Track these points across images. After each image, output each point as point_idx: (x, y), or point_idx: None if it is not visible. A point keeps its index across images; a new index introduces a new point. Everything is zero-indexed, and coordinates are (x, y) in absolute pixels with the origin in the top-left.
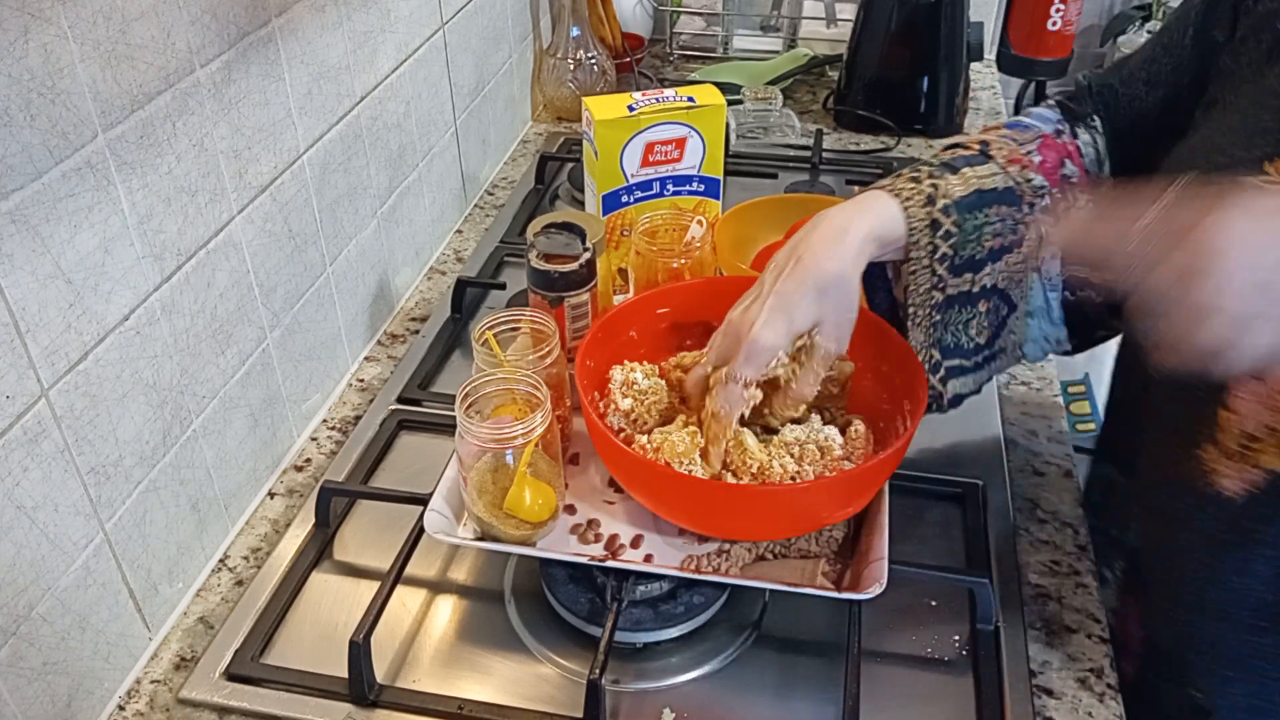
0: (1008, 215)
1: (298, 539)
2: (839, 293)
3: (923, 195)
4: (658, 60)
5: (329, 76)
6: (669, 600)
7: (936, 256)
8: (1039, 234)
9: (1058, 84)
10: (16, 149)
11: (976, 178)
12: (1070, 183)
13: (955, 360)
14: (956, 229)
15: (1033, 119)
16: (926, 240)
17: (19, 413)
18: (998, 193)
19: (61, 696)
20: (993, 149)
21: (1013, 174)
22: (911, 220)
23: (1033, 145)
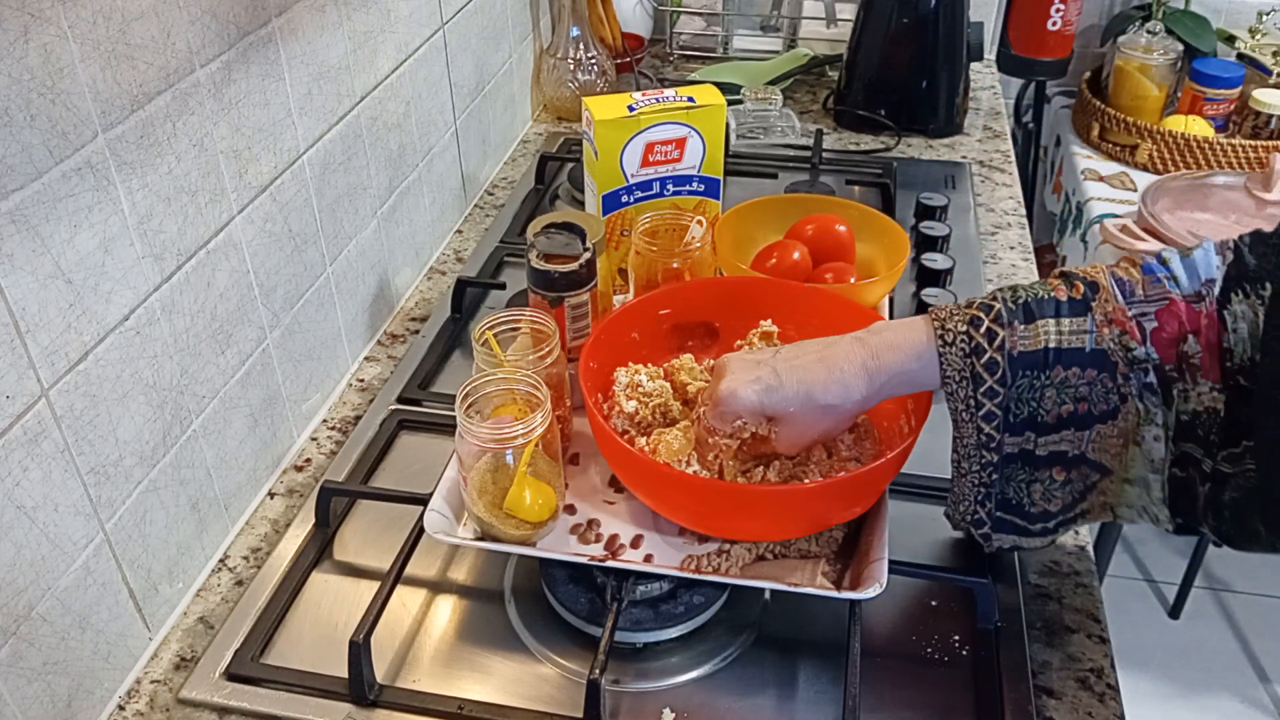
0: (1097, 381)
1: (298, 539)
2: (824, 416)
3: (969, 342)
4: (658, 60)
5: (329, 76)
6: (669, 600)
7: (981, 414)
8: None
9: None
10: (16, 149)
11: (1057, 333)
12: (1190, 361)
13: (1012, 518)
14: (1003, 387)
15: (1180, 267)
16: (966, 394)
17: (19, 413)
18: (1082, 354)
19: (61, 696)
20: (1098, 299)
21: (1107, 337)
22: (947, 369)
23: (1151, 308)
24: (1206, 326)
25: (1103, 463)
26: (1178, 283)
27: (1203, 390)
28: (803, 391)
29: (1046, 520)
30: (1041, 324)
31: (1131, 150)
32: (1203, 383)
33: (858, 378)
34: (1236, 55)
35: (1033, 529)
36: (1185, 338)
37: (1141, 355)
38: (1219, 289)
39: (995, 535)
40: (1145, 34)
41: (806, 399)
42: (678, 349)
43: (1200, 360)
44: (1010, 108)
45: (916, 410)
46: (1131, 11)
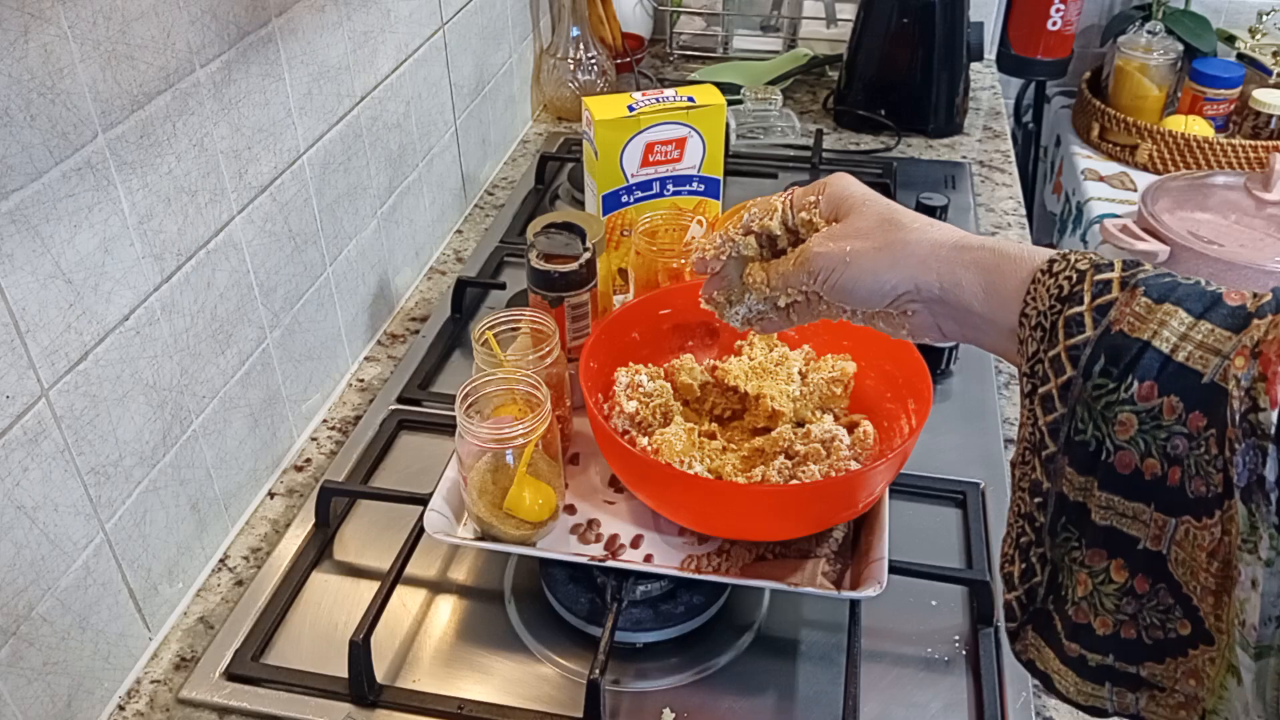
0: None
1: (298, 539)
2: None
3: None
4: (658, 60)
5: (329, 76)
6: (669, 600)
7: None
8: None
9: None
10: (16, 149)
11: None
12: None
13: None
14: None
15: None
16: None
17: (19, 413)
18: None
19: (61, 696)
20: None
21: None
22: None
23: None
24: None
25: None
26: None
27: None
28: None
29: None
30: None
31: (1131, 150)
32: None
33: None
34: (1236, 55)
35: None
36: None
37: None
38: None
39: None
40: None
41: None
42: (678, 349)
43: None
44: (1010, 108)
45: (918, 410)
46: (1131, 11)
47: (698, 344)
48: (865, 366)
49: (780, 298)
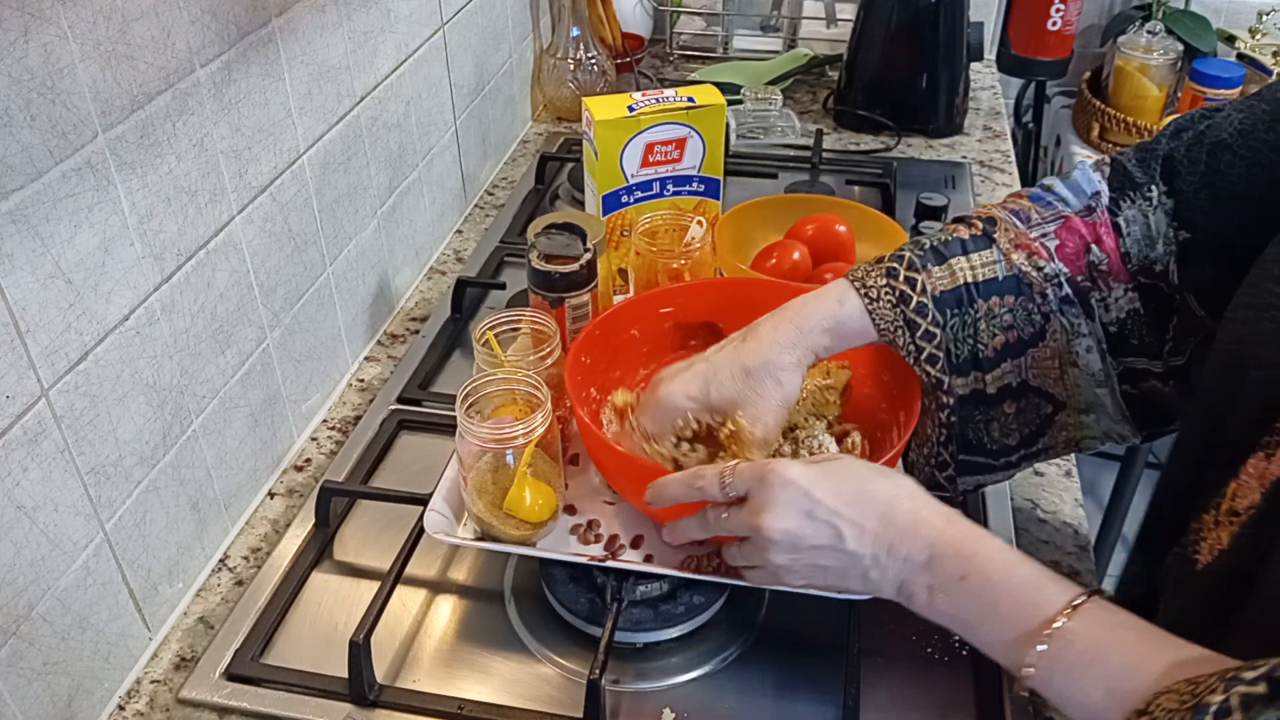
0: (1018, 306)
1: (298, 539)
2: (765, 378)
3: (894, 294)
4: (658, 60)
5: (329, 76)
6: (669, 600)
7: (924, 358)
8: (1063, 325)
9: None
10: (16, 149)
11: (970, 267)
12: (1099, 270)
13: (976, 458)
14: (938, 329)
15: (1065, 189)
16: (905, 341)
17: (19, 413)
18: (997, 283)
19: (61, 696)
20: (998, 230)
21: (1017, 262)
22: (879, 322)
23: (1050, 227)
24: (1105, 234)
25: (1047, 389)
26: (1067, 203)
27: (1118, 294)
28: (738, 366)
29: (1009, 455)
30: (954, 261)
31: None
32: (1116, 286)
33: (788, 335)
34: (1236, 55)
35: (995, 464)
36: (1089, 248)
37: (1052, 271)
38: (1107, 199)
39: (960, 478)
40: (1145, 34)
41: (743, 368)
42: (680, 348)
43: (1108, 265)
44: (1010, 108)
45: (907, 423)
46: (1131, 11)
47: (700, 344)
48: (863, 375)
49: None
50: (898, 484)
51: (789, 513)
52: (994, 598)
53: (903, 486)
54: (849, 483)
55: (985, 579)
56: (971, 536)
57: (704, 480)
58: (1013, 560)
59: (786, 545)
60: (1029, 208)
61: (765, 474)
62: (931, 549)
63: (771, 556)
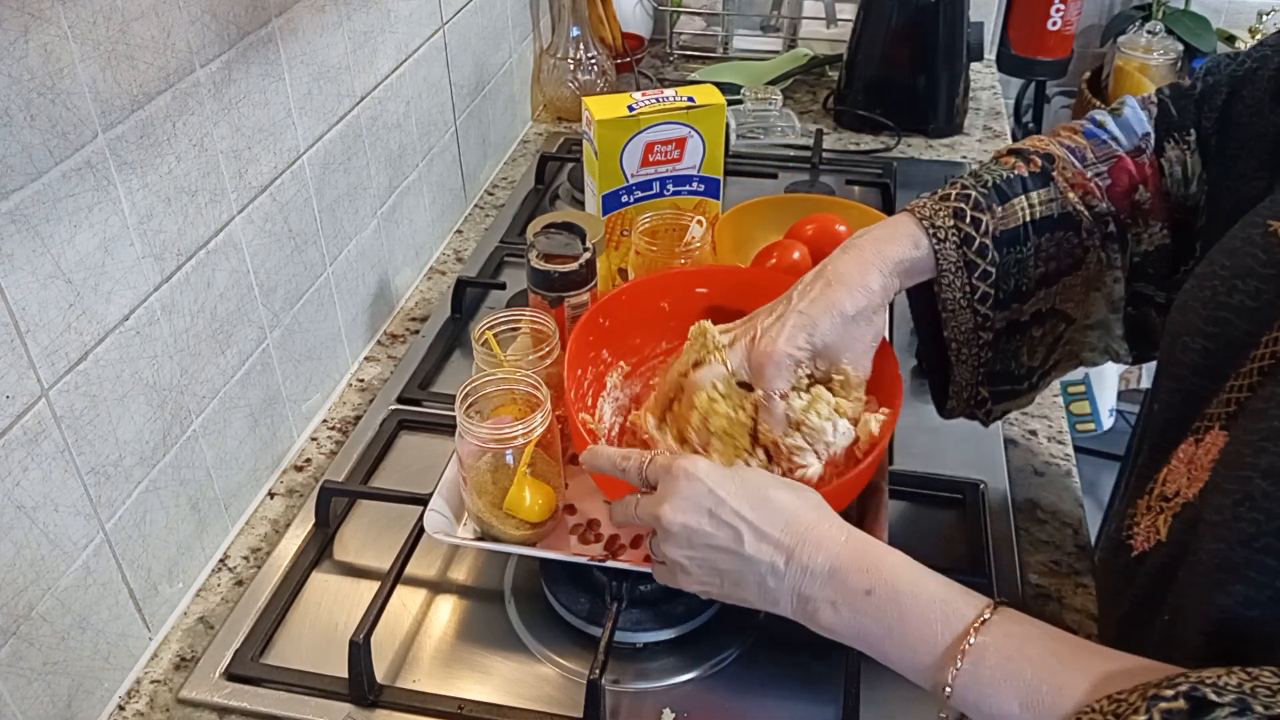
0: (1063, 240)
1: (298, 539)
2: (862, 322)
3: (959, 234)
4: (658, 60)
5: (329, 76)
6: (669, 600)
7: (976, 297)
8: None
9: (1058, 84)
10: (16, 149)
11: (1028, 207)
12: (1142, 209)
13: (1005, 386)
14: (994, 268)
15: (1117, 127)
16: (962, 282)
17: (19, 413)
18: (1052, 220)
19: (61, 696)
20: (1056, 169)
21: (1072, 201)
22: (943, 262)
23: (1104, 167)
24: (1151, 174)
25: (1066, 311)
26: (1119, 142)
27: (1154, 231)
28: (834, 313)
29: (1031, 377)
30: (1016, 201)
31: None
32: (1153, 224)
33: (870, 275)
34: None
35: (1020, 388)
36: (1136, 188)
37: (1104, 210)
38: (1154, 141)
39: (995, 407)
40: (1145, 34)
41: (841, 319)
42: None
43: (1150, 205)
44: (1010, 108)
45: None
46: (1131, 11)
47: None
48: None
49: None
50: (803, 497)
51: (689, 507)
52: (900, 614)
53: (808, 499)
54: (754, 488)
55: (892, 593)
56: (874, 549)
57: (628, 462)
58: (917, 574)
59: (683, 539)
60: (1084, 145)
61: (674, 467)
62: (834, 560)
63: (668, 549)
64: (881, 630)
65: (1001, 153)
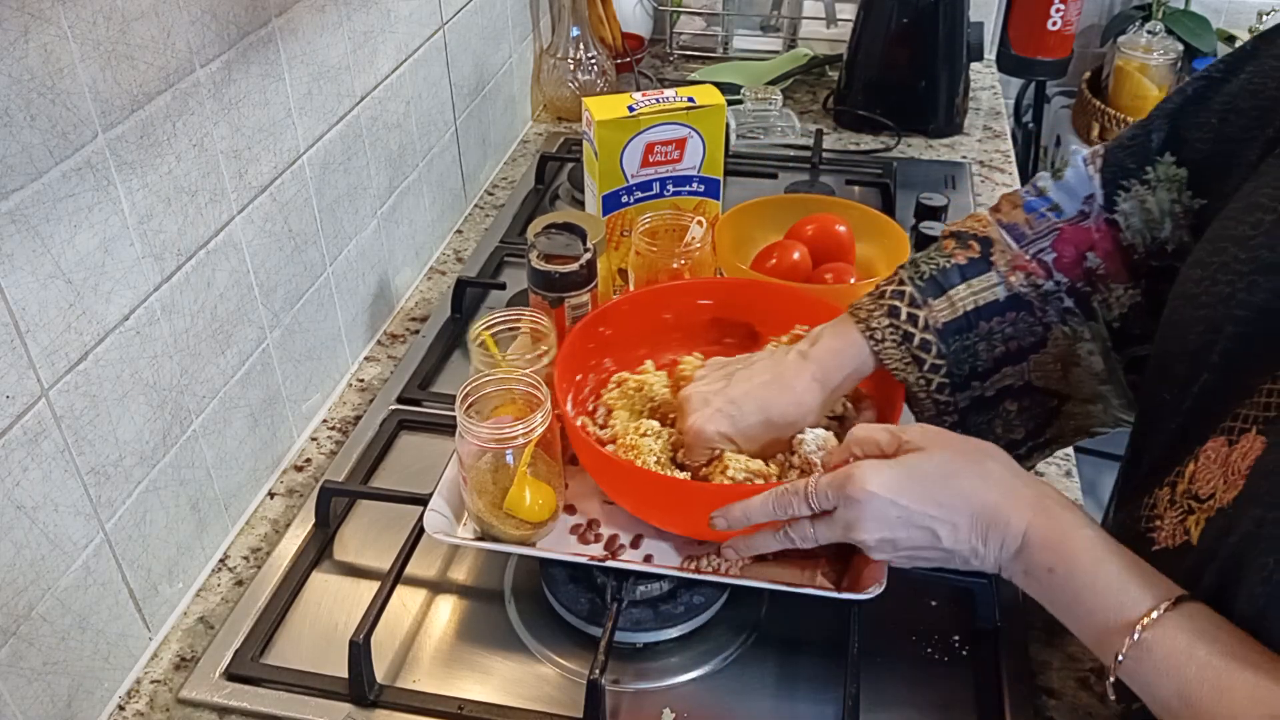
0: (1018, 320)
1: (298, 539)
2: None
3: (898, 333)
4: (658, 60)
5: (329, 76)
6: (669, 600)
7: (933, 388)
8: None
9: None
10: (16, 149)
11: (970, 294)
12: (1098, 274)
13: None
14: (944, 360)
15: (1059, 193)
16: (915, 377)
17: (19, 413)
18: (998, 304)
19: (61, 696)
20: (995, 252)
21: (1015, 284)
22: (887, 361)
23: (1045, 242)
24: (1099, 239)
25: (1050, 388)
26: (1061, 211)
27: (1119, 293)
28: (761, 416)
29: (1016, 449)
30: (953, 292)
31: None
32: (1115, 287)
33: (810, 392)
34: None
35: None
36: (1085, 255)
37: (1051, 288)
38: (1101, 199)
39: None
40: (1145, 34)
41: (766, 422)
42: (714, 342)
43: (1105, 269)
44: (1010, 108)
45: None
46: (1131, 11)
47: (735, 343)
48: None
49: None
50: (984, 468)
51: (880, 524)
52: (1076, 594)
53: (989, 474)
54: (934, 480)
55: (1070, 574)
56: (1060, 525)
57: (790, 500)
58: (1100, 556)
59: (886, 548)
60: (1023, 221)
61: (848, 488)
62: (1022, 538)
63: (875, 555)
64: (1061, 605)
65: (944, 234)
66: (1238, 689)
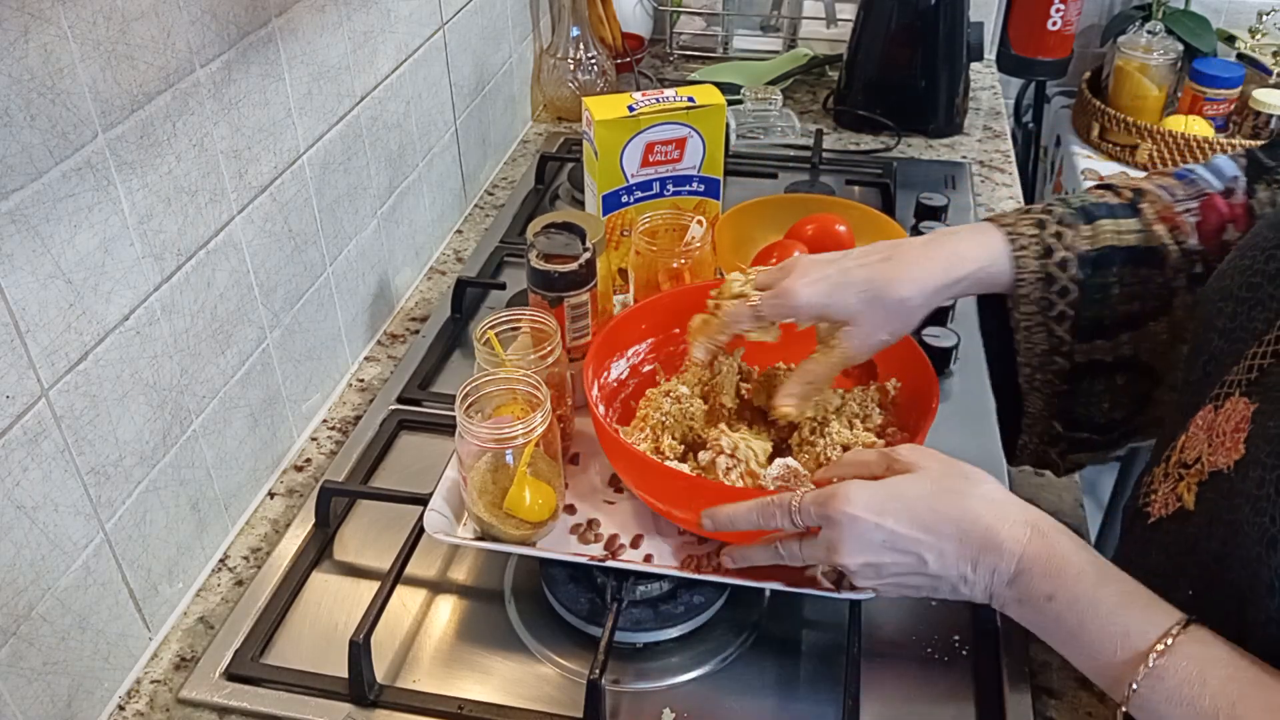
0: (1148, 278)
1: (298, 539)
2: (891, 313)
3: (1041, 245)
4: (658, 60)
5: (329, 76)
6: (669, 600)
7: (1053, 314)
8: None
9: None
10: (16, 149)
11: (1114, 232)
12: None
13: (1083, 434)
14: (1076, 286)
15: (1207, 170)
16: (1039, 294)
17: (19, 413)
18: (1137, 251)
19: (61, 696)
20: (1144, 201)
21: (1159, 233)
22: (1022, 271)
23: (1194, 203)
24: (1242, 215)
25: (1152, 364)
26: (1209, 182)
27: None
28: (871, 287)
29: (1112, 431)
30: (1101, 224)
31: (1131, 150)
32: None
33: (929, 272)
34: (1236, 55)
35: (1100, 440)
36: (1225, 227)
37: (1193, 246)
38: (1244, 183)
39: (1070, 455)
40: (1145, 34)
41: (875, 295)
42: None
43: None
44: (1010, 108)
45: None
46: (1131, 11)
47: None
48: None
49: None
50: (973, 493)
51: (863, 546)
52: (1080, 623)
53: (979, 496)
54: (921, 503)
55: (1071, 601)
56: (1059, 551)
57: (774, 513)
58: (1100, 580)
59: (869, 574)
60: (1174, 184)
61: (829, 507)
62: (1017, 564)
63: (859, 582)
64: (1063, 636)
65: (1093, 188)
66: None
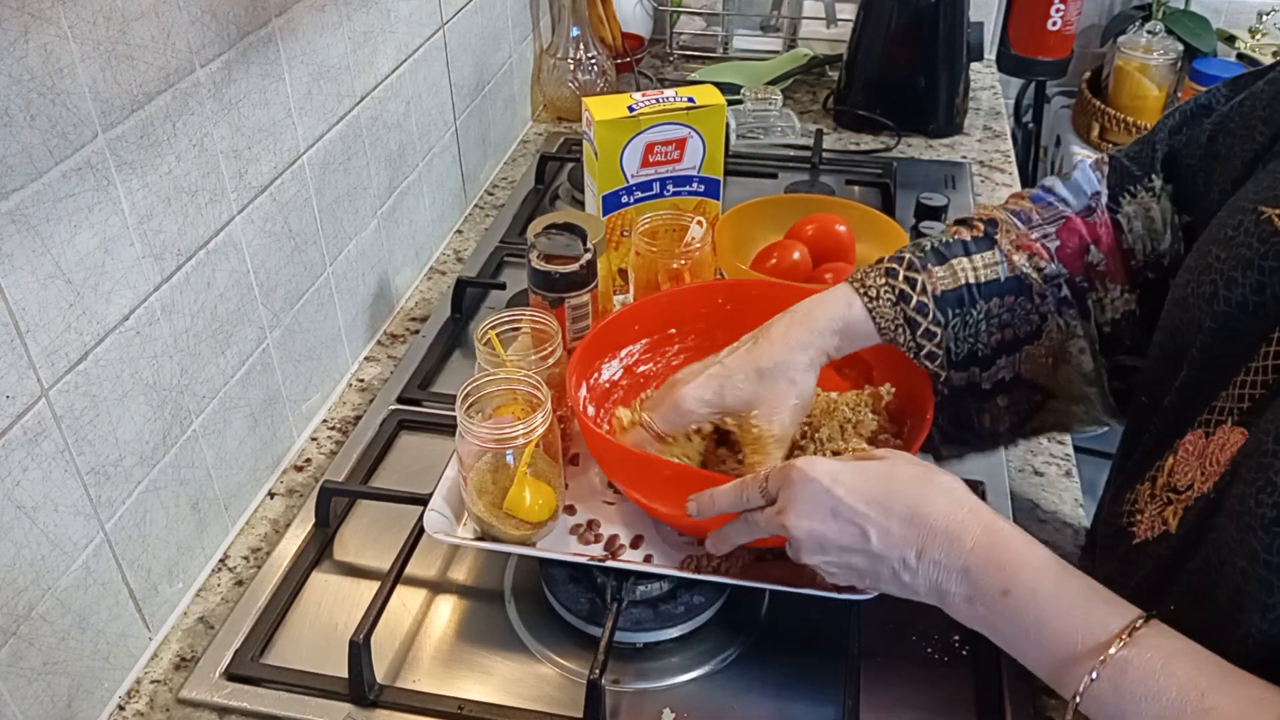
0: (1015, 305)
1: (298, 539)
2: (779, 379)
3: (894, 293)
4: (658, 60)
5: (329, 76)
6: (669, 600)
7: (923, 354)
8: (1059, 326)
9: (1058, 84)
10: (16, 149)
11: (972, 268)
12: (1097, 270)
13: (962, 434)
14: (939, 328)
15: (1065, 189)
16: (905, 339)
17: (19, 413)
18: (998, 284)
19: (61, 696)
20: (999, 232)
21: (1018, 263)
22: (881, 320)
23: (1050, 228)
24: (1104, 234)
25: (1039, 382)
26: (1067, 203)
27: (1114, 295)
28: (752, 369)
29: (995, 440)
30: (956, 262)
31: None
32: (1113, 287)
33: (799, 336)
34: (1236, 55)
35: (981, 444)
36: (1088, 249)
37: (1053, 271)
38: (1106, 199)
39: (944, 446)
40: (1145, 34)
41: (757, 371)
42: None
43: (1106, 266)
44: (1010, 108)
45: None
46: (1131, 11)
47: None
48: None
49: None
50: (935, 485)
51: (810, 510)
52: (1039, 618)
53: (939, 487)
54: (877, 480)
55: (1030, 595)
56: (1013, 542)
57: (747, 488)
58: (1059, 575)
59: (813, 545)
60: (1030, 209)
61: (790, 472)
62: (968, 558)
63: (803, 557)
64: (1018, 632)
65: (948, 225)
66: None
